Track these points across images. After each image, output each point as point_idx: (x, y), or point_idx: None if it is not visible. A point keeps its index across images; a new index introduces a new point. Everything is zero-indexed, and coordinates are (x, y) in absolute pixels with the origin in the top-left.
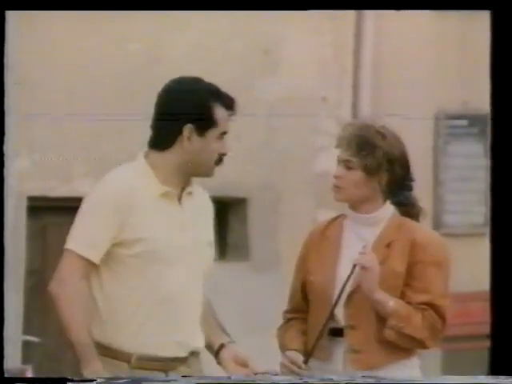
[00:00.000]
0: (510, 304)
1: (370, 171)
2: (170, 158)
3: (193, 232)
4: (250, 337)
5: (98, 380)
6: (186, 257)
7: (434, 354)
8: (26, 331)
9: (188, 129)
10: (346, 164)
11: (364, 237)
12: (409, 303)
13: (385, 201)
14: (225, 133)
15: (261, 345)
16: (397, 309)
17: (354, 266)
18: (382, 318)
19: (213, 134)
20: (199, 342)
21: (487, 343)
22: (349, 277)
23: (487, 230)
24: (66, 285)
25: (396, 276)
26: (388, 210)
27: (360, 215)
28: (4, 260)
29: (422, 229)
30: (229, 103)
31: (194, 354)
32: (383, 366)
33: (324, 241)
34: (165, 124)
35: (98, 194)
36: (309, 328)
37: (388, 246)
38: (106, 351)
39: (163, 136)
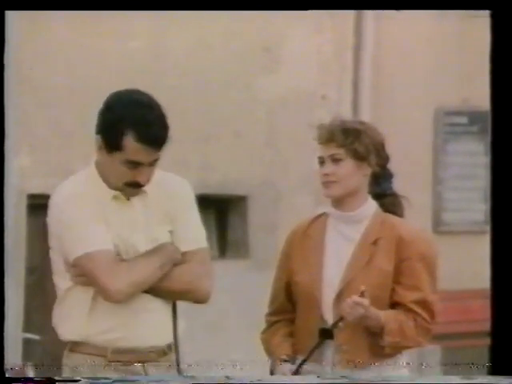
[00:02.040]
0: (510, 302)
1: (359, 156)
2: (108, 162)
3: (147, 229)
4: (249, 334)
5: (83, 380)
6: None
7: (433, 352)
8: (26, 329)
9: (98, 139)
10: (333, 158)
11: (347, 235)
12: (400, 302)
13: (368, 193)
14: (135, 162)
15: (260, 342)
16: (389, 325)
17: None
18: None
19: (117, 157)
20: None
21: (487, 341)
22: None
23: (487, 228)
24: (123, 280)
25: (384, 275)
26: (371, 206)
27: (344, 213)
28: (4, 258)
29: (407, 225)
30: (148, 138)
31: (171, 347)
32: (369, 365)
33: (307, 240)
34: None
35: (65, 206)
36: (296, 329)
37: (374, 243)
38: (82, 347)
39: (97, 139)
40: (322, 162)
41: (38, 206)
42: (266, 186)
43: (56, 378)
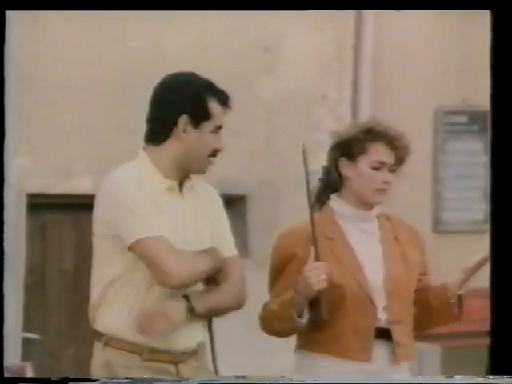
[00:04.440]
0: (509, 301)
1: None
2: (167, 151)
3: (194, 224)
4: (249, 333)
5: (101, 380)
6: (190, 249)
7: (433, 351)
8: (25, 328)
9: (183, 119)
10: (392, 167)
11: (370, 232)
12: (426, 288)
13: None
14: (219, 127)
15: (261, 341)
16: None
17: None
18: (420, 310)
19: (207, 126)
20: (204, 335)
21: (487, 341)
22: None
23: (487, 227)
24: (183, 265)
25: (418, 267)
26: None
27: (365, 212)
28: (4, 257)
29: (402, 220)
30: (223, 99)
31: (200, 346)
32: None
33: (331, 243)
34: (160, 116)
35: (126, 191)
36: (340, 331)
37: (396, 239)
38: (120, 344)
39: (159, 129)
40: (381, 167)
41: (38, 205)
42: (266, 186)
43: (70, 377)
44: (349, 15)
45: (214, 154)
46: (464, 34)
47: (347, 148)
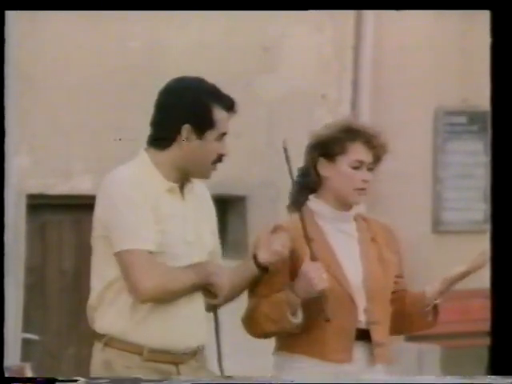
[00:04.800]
0: (510, 301)
1: (376, 168)
2: (169, 156)
3: (195, 225)
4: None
5: (81, 380)
6: (190, 250)
7: (433, 351)
8: (25, 329)
9: (186, 129)
10: (370, 165)
11: (349, 232)
12: (402, 290)
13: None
14: (224, 134)
15: (260, 340)
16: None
17: None
18: (395, 314)
19: (211, 135)
20: (205, 336)
21: (487, 341)
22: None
23: (486, 227)
24: (164, 286)
25: (395, 268)
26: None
27: (344, 213)
28: (4, 257)
29: (378, 220)
30: (229, 104)
31: (200, 347)
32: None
33: (311, 243)
34: (164, 122)
35: (120, 192)
36: (322, 331)
37: (373, 240)
38: (120, 344)
39: (162, 134)
40: (360, 167)
41: (38, 205)
42: (266, 186)
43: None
44: (349, 15)
45: (218, 159)
46: (464, 34)
47: (326, 148)
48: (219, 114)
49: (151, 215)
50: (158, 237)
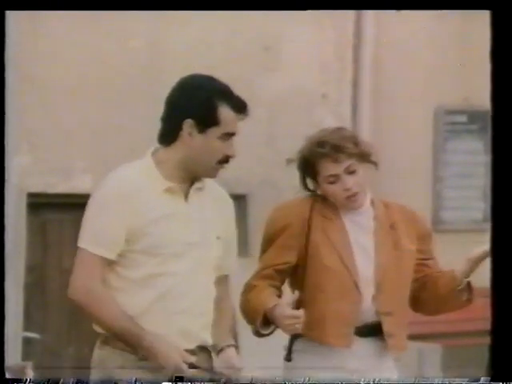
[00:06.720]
0: (510, 300)
1: (366, 158)
2: (174, 153)
3: (199, 227)
4: (248, 332)
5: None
6: (192, 251)
7: (434, 351)
8: (26, 327)
9: (188, 123)
10: (349, 170)
11: (363, 224)
12: (435, 273)
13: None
14: (230, 134)
15: (261, 339)
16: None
17: None
18: (428, 296)
19: (214, 132)
20: (208, 337)
21: (488, 340)
22: None
23: (486, 226)
24: (91, 292)
25: (412, 255)
26: (368, 193)
27: (353, 211)
28: (4, 256)
29: (404, 204)
30: (238, 105)
31: (203, 349)
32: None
33: (327, 222)
34: (169, 117)
35: (105, 192)
36: (320, 313)
37: (392, 227)
38: (115, 342)
39: (168, 129)
40: (336, 179)
41: (38, 204)
42: (266, 185)
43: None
44: (349, 15)
45: (225, 160)
46: (464, 34)
47: (306, 171)
48: (226, 113)
49: (131, 220)
50: (144, 240)
